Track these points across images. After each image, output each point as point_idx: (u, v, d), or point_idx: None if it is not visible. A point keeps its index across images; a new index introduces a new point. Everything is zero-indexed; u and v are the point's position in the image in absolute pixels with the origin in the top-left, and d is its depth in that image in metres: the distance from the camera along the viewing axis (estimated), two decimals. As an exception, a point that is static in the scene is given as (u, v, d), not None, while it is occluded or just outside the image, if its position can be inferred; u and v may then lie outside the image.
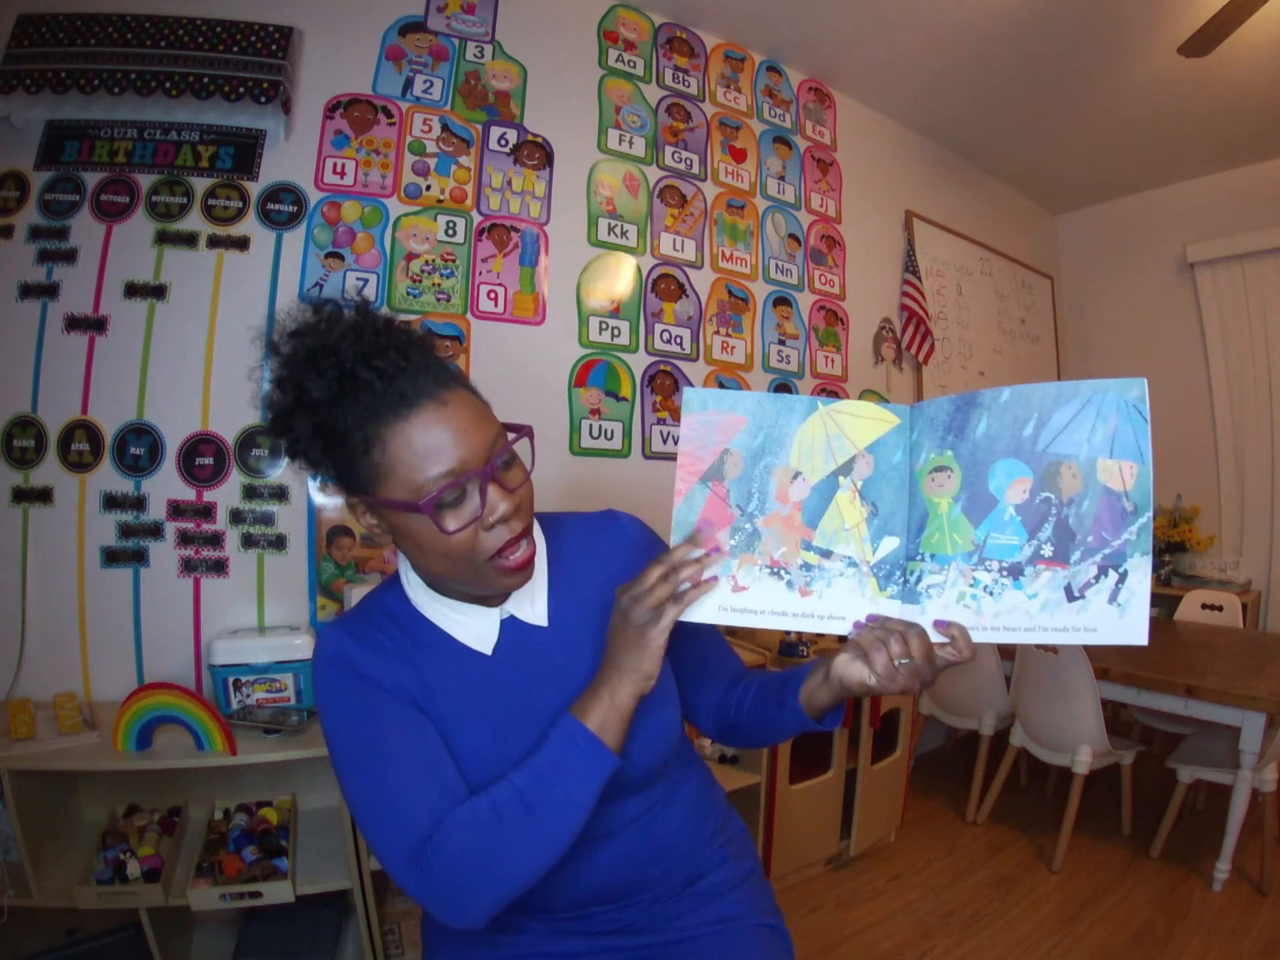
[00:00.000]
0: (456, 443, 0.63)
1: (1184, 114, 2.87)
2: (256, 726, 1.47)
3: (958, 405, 0.62)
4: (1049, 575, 0.58)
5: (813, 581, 0.65)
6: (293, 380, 0.64)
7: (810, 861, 2.08)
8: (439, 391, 0.63)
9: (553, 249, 2.14)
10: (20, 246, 1.63)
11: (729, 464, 0.67)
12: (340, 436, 0.63)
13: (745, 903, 0.85)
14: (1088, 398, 0.59)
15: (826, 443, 0.65)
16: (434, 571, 0.69)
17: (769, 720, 0.78)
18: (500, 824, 0.62)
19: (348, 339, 0.63)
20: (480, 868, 0.62)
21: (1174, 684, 2.00)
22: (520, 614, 0.75)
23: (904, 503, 0.64)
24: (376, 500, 0.65)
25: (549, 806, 0.63)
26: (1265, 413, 3.27)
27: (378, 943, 1.48)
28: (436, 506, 0.62)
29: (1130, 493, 0.57)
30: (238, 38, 1.72)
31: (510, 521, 0.66)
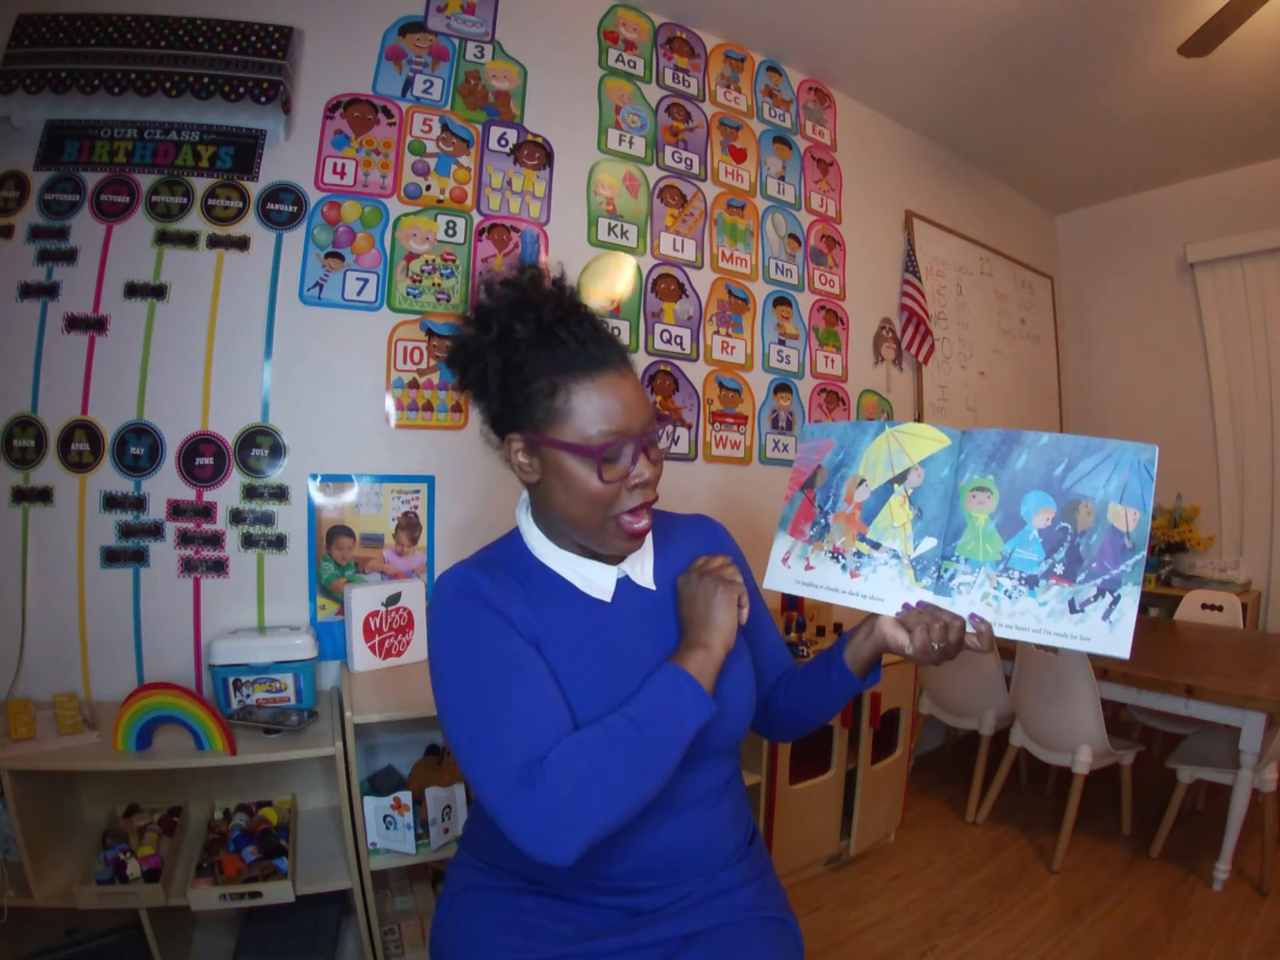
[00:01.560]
0: (627, 410, 0.75)
1: (1184, 114, 2.87)
2: (256, 726, 1.47)
3: (1003, 439, 0.75)
4: (1058, 589, 0.70)
5: (862, 567, 0.79)
6: (500, 319, 0.75)
7: (810, 861, 2.08)
8: (620, 365, 0.77)
9: (553, 249, 2.14)
10: (20, 246, 1.62)
11: (819, 475, 0.86)
12: (527, 377, 0.74)
13: (761, 896, 0.87)
14: (1109, 453, 0.71)
15: (888, 456, 0.80)
16: (571, 513, 0.77)
17: (817, 689, 0.88)
18: (614, 743, 0.68)
19: (549, 300, 0.76)
20: (589, 785, 0.65)
21: (1174, 684, 2.00)
22: (633, 575, 0.85)
23: (945, 511, 0.76)
24: (543, 439, 0.75)
25: (658, 732, 0.69)
26: (1265, 413, 3.27)
27: (378, 943, 1.48)
28: (603, 459, 0.73)
29: (1131, 534, 0.69)
30: (238, 38, 1.72)
31: (646, 489, 0.77)
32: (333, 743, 1.41)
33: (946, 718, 2.59)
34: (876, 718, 2.08)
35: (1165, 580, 3.33)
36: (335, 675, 1.78)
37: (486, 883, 0.86)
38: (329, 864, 1.48)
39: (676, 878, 0.82)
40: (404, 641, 1.81)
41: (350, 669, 1.73)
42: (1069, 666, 2.09)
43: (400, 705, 1.51)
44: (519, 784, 0.65)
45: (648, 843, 0.79)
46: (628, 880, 0.81)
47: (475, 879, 0.88)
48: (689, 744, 0.71)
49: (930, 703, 2.63)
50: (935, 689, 2.60)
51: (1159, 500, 3.55)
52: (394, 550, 1.89)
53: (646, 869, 0.81)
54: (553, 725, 0.70)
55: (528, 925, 0.80)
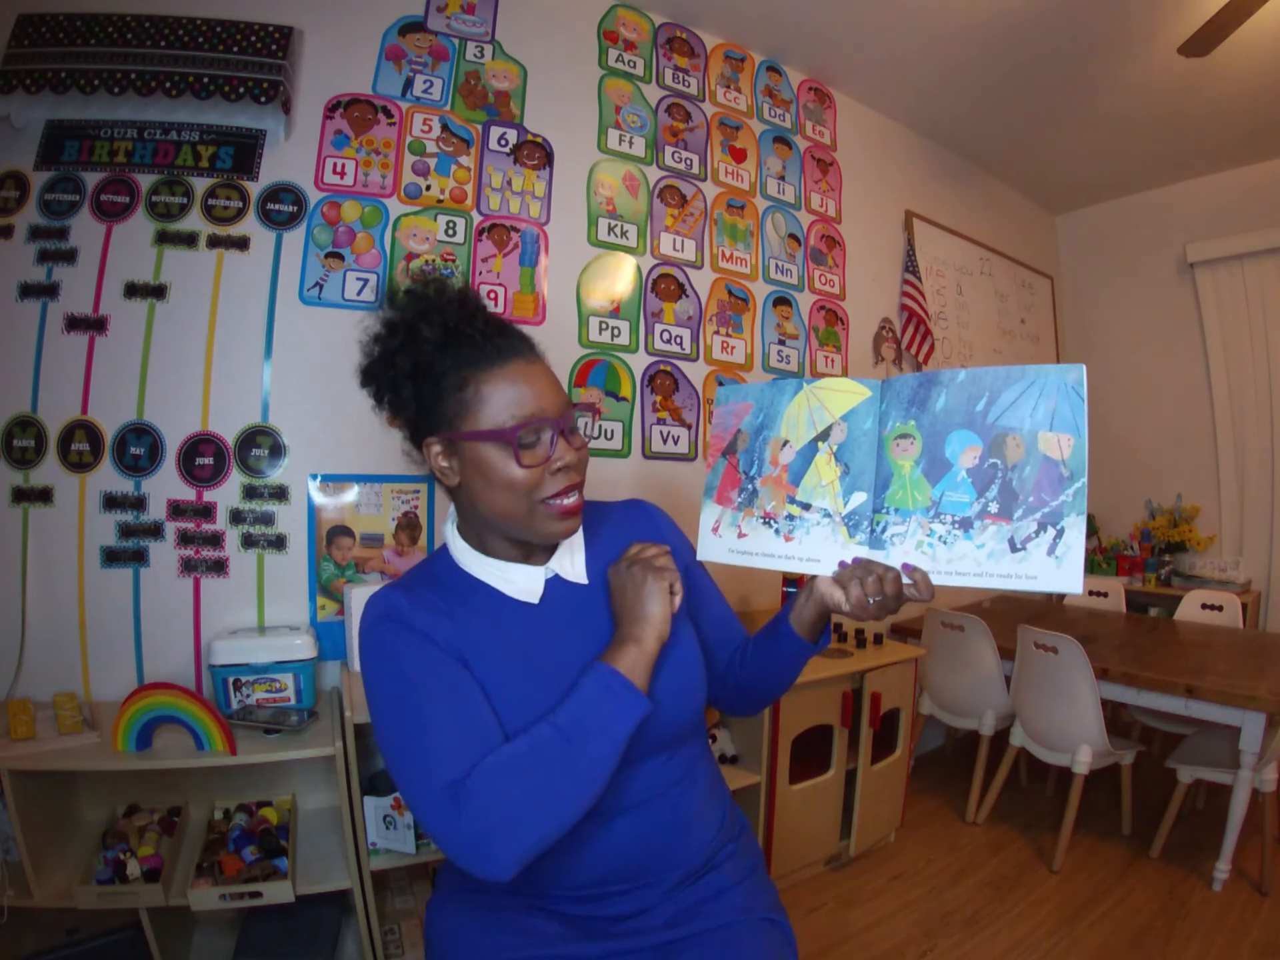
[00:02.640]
0: (538, 395, 0.75)
1: (1184, 114, 2.87)
2: (256, 726, 1.47)
3: (920, 382, 0.72)
4: (995, 529, 0.68)
5: (795, 529, 0.78)
6: (405, 324, 0.77)
7: (810, 861, 2.08)
8: (528, 354, 0.78)
9: (553, 249, 2.14)
10: (20, 246, 1.62)
11: (739, 440, 0.84)
12: (436, 376, 0.75)
13: (751, 896, 0.87)
14: (1032, 379, 0.67)
15: (809, 414, 0.79)
16: (496, 507, 0.76)
17: (770, 657, 0.87)
18: (538, 755, 0.66)
19: (453, 304, 0.78)
20: (517, 802, 0.64)
21: (1174, 684, 2.00)
22: (563, 572, 0.84)
23: (872, 463, 0.74)
24: (457, 435, 0.75)
25: (586, 739, 0.67)
26: (1265, 413, 3.27)
27: (378, 943, 1.48)
28: (518, 443, 0.73)
29: (1067, 461, 0.65)
30: (238, 38, 1.72)
31: (570, 472, 0.77)
32: (333, 743, 1.41)
33: (946, 718, 2.59)
34: (876, 718, 2.08)
35: (1165, 580, 3.33)
36: (335, 675, 1.78)
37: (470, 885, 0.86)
38: (329, 864, 1.48)
39: (648, 878, 0.81)
40: (404, 641, 1.81)
41: (350, 669, 1.73)
42: (1069, 666, 2.09)
43: (400, 705, 1.51)
44: (446, 805, 0.65)
45: (604, 849, 0.78)
46: (597, 887, 0.80)
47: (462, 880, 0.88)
48: (625, 745, 0.69)
49: (930, 703, 2.63)
50: (935, 689, 2.60)
51: (1159, 500, 3.56)
52: (394, 550, 1.89)
53: (610, 874, 0.80)
54: (479, 742, 0.68)
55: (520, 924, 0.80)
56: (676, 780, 0.83)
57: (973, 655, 2.41)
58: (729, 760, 1.98)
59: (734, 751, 1.99)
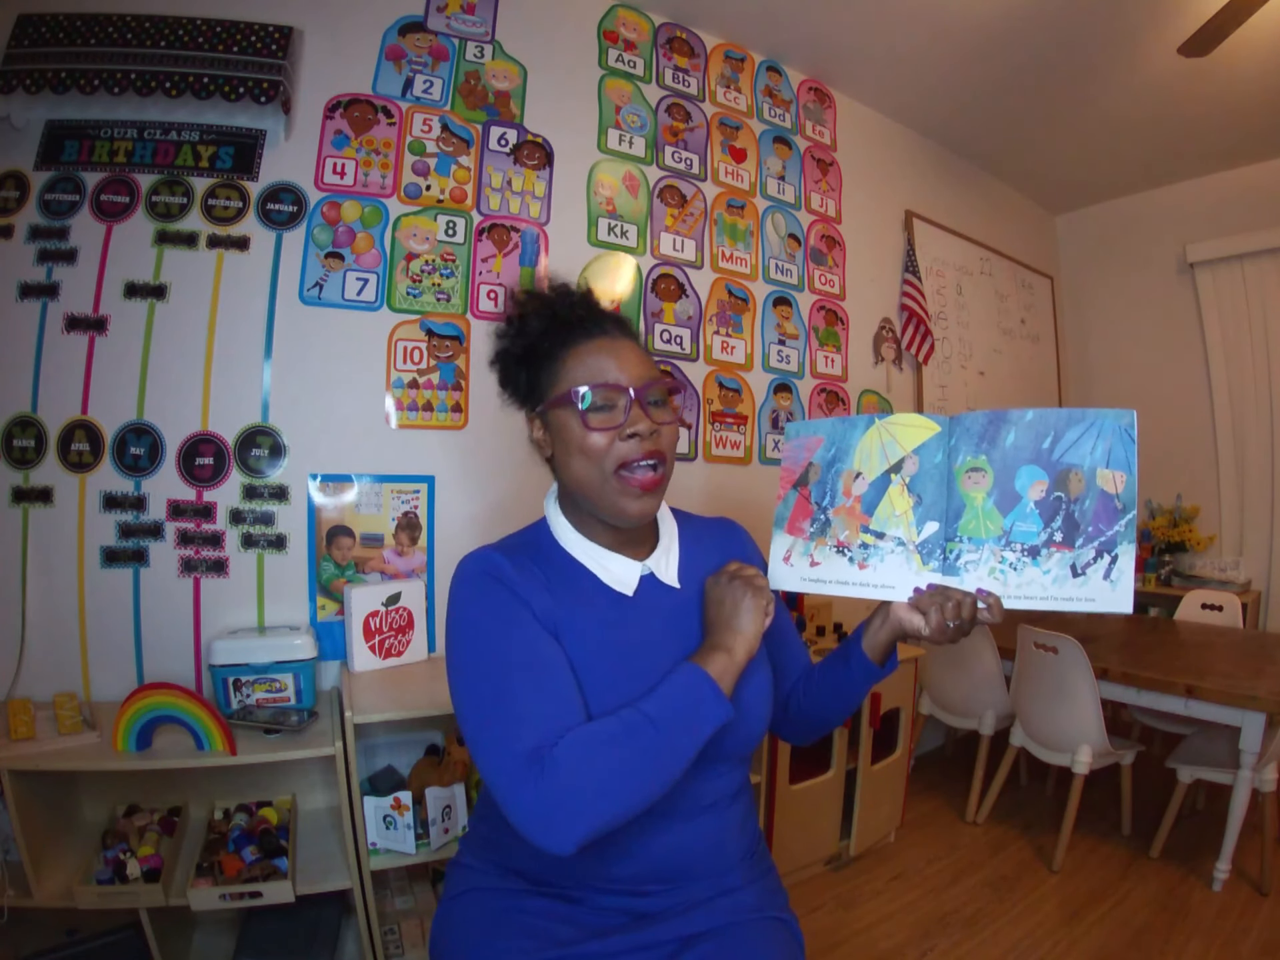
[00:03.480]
0: (618, 365, 0.79)
1: (1184, 114, 2.87)
2: (256, 726, 1.47)
3: (990, 419, 0.78)
4: (1059, 556, 0.73)
5: (869, 557, 0.81)
6: (520, 319, 0.84)
7: (810, 861, 2.08)
8: (615, 332, 0.83)
9: (553, 249, 2.14)
10: (20, 246, 1.62)
11: (812, 472, 0.87)
12: (539, 356, 0.82)
13: (762, 897, 0.87)
14: (1091, 421, 0.75)
15: (882, 448, 0.82)
16: (572, 473, 0.80)
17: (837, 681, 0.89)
18: (628, 735, 0.68)
19: (564, 299, 0.84)
20: (596, 776, 0.65)
21: (1174, 684, 2.00)
22: (658, 571, 0.86)
23: (943, 494, 0.79)
24: (545, 404, 0.81)
25: (672, 730, 0.69)
26: (1265, 413, 3.27)
27: (378, 943, 1.48)
28: (587, 408, 0.77)
29: (1120, 495, 0.72)
30: (238, 38, 1.72)
31: (643, 440, 0.78)
32: (333, 743, 1.41)
33: (946, 718, 2.59)
34: (876, 718, 2.08)
35: (1165, 580, 3.33)
36: (335, 675, 1.78)
37: (488, 884, 0.86)
38: (329, 864, 1.48)
39: (681, 882, 0.82)
40: (404, 641, 1.81)
41: (350, 669, 1.73)
42: (1069, 666, 2.09)
43: (400, 705, 1.51)
44: (526, 769, 0.65)
45: (653, 846, 0.79)
46: (632, 883, 0.81)
47: (476, 880, 0.87)
48: (703, 746, 0.71)
49: (930, 703, 2.63)
50: (935, 689, 2.60)
51: (1159, 500, 3.56)
52: (394, 550, 1.89)
53: (651, 872, 0.81)
54: (565, 714, 0.70)
55: (529, 927, 0.80)
56: (727, 796, 0.85)
57: (973, 655, 2.41)
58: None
59: (734, 751, 1.99)
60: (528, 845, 0.65)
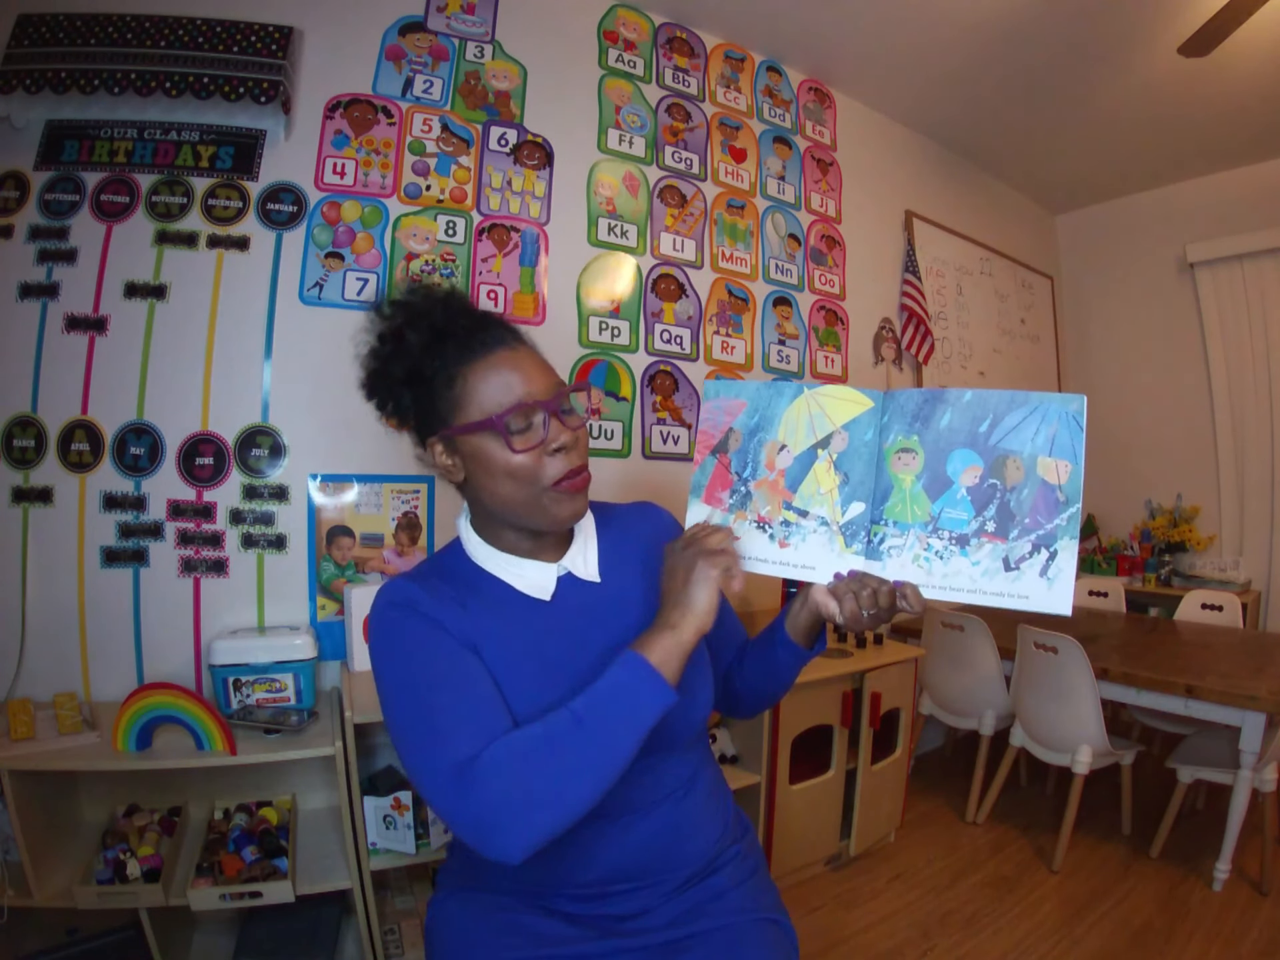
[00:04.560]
0: (525, 380, 0.75)
1: (1184, 114, 2.87)
2: (256, 726, 1.47)
3: (926, 398, 0.73)
4: (990, 547, 0.69)
5: (790, 536, 0.78)
6: (394, 334, 0.78)
7: (810, 861, 2.08)
8: (512, 342, 0.78)
9: (553, 249, 2.14)
10: (20, 246, 1.62)
11: (731, 439, 0.82)
12: (427, 378, 0.76)
13: (752, 897, 0.87)
14: (1035, 405, 0.69)
15: (809, 420, 0.78)
16: (501, 496, 0.77)
17: (767, 662, 0.88)
18: (551, 741, 0.65)
19: (439, 306, 0.78)
20: (528, 785, 0.63)
21: (1174, 684, 2.00)
22: (575, 569, 0.83)
23: (871, 474, 0.75)
24: (452, 430, 0.76)
25: (604, 728, 0.65)
26: (1265, 413, 3.27)
27: (378, 943, 1.48)
28: (506, 428, 0.73)
29: (1064, 486, 0.67)
30: (238, 38, 1.72)
31: (569, 453, 0.76)
32: (333, 743, 1.41)
33: (946, 718, 2.59)
34: (876, 718, 2.08)
35: (1165, 580, 3.33)
36: (335, 675, 1.78)
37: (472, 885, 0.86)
38: (329, 864, 1.48)
39: (650, 878, 0.81)
40: (404, 641, 1.81)
41: (350, 669, 1.73)
42: (1069, 666, 2.09)
43: (400, 705, 1.51)
44: (455, 783, 0.64)
45: (614, 847, 0.79)
46: (600, 885, 0.80)
47: (462, 879, 0.88)
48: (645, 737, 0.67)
49: (930, 703, 2.63)
50: (935, 689, 2.60)
51: (1159, 500, 3.56)
52: (394, 550, 1.89)
53: (618, 872, 0.80)
54: (489, 723, 0.68)
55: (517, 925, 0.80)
56: (682, 783, 0.83)
57: (973, 655, 2.41)
58: (729, 760, 1.98)
59: (734, 751, 1.99)
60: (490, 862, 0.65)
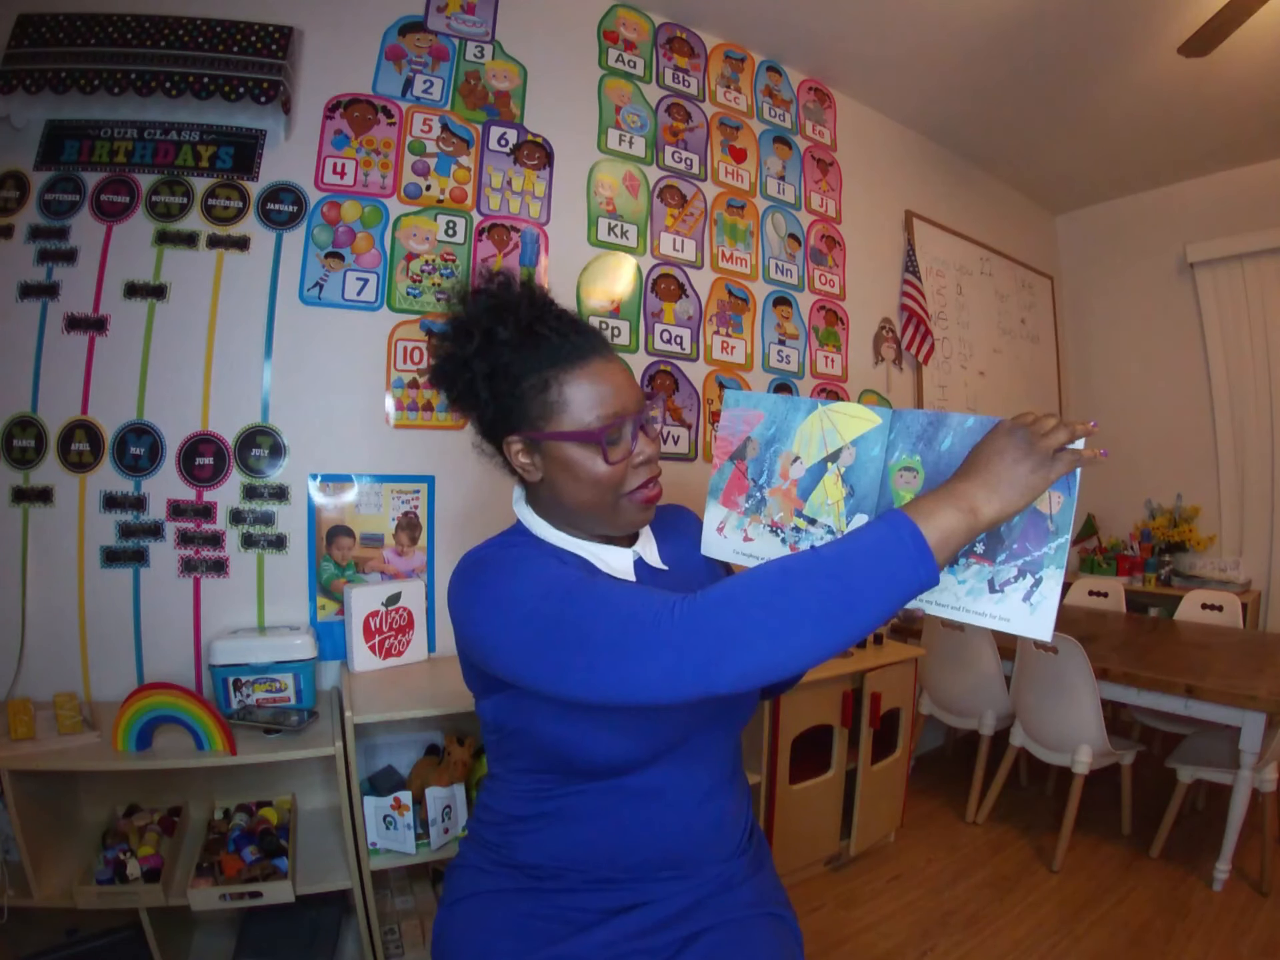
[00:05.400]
0: (619, 392, 0.77)
1: (1184, 114, 2.87)
2: (256, 726, 1.47)
3: (930, 420, 0.75)
4: (977, 568, 0.70)
5: (800, 541, 0.81)
6: (480, 327, 0.76)
7: (810, 861, 2.08)
8: (605, 351, 0.79)
9: (553, 249, 2.14)
10: (20, 246, 1.62)
11: (749, 448, 0.86)
12: (515, 378, 0.75)
13: (760, 892, 0.87)
14: None
15: (821, 435, 0.81)
16: (582, 500, 0.78)
17: None
18: (787, 575, 0.60)
19: (524, 301, 0.77)
20: (751, 613, 0.59)
21: (1174, 684, 2.00)
22: (646, 557, 0.87)
23: (876, 489, 0.77)
24: (542, 435, 0.76)
25: (853, 579, 0.59)
26: (1265, 413, 3.27)
27: (378, 943, 1.48)
28: (605, 441, 0.75)
29: (1055, 517, 0.68)
30: (238, 38, 1.72)
31: (651, 465, 0.80)
32: (333, 743, 1.41)
33: (946, 718, 2.59)
34: (876, 718, 2.08)
35: (1165, 580, 3.33)
36: (335, 675, 1.78)
37: (488, 886, 0.85)
38: (329, 864, 1.48)
39: (688, 869, 0.82)
40: (404, 641, 1.81)
41: (350, 669, 1.73)
42: (1069, 666, 2.09)
43: (400, 705, 1.52)
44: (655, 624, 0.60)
45: (660, 832, 0.80)
46: (641, 870, 0.81)
47: (477, 883, 0.87)
48: (892, 610, 0.61)
49: (930, 703, 2.63)
50: (935, 689, 2.60)
51: (1159, 500, 3.56)
52: (394, 550, 1.89)
53: (660, 859, 0.81)
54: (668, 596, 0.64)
55: (529, 928, 0.80)
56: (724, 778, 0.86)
57: (973, 655, 2.41)
58: (729, 760, 1.98)
59: (734, 751, 1.99)
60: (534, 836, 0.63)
